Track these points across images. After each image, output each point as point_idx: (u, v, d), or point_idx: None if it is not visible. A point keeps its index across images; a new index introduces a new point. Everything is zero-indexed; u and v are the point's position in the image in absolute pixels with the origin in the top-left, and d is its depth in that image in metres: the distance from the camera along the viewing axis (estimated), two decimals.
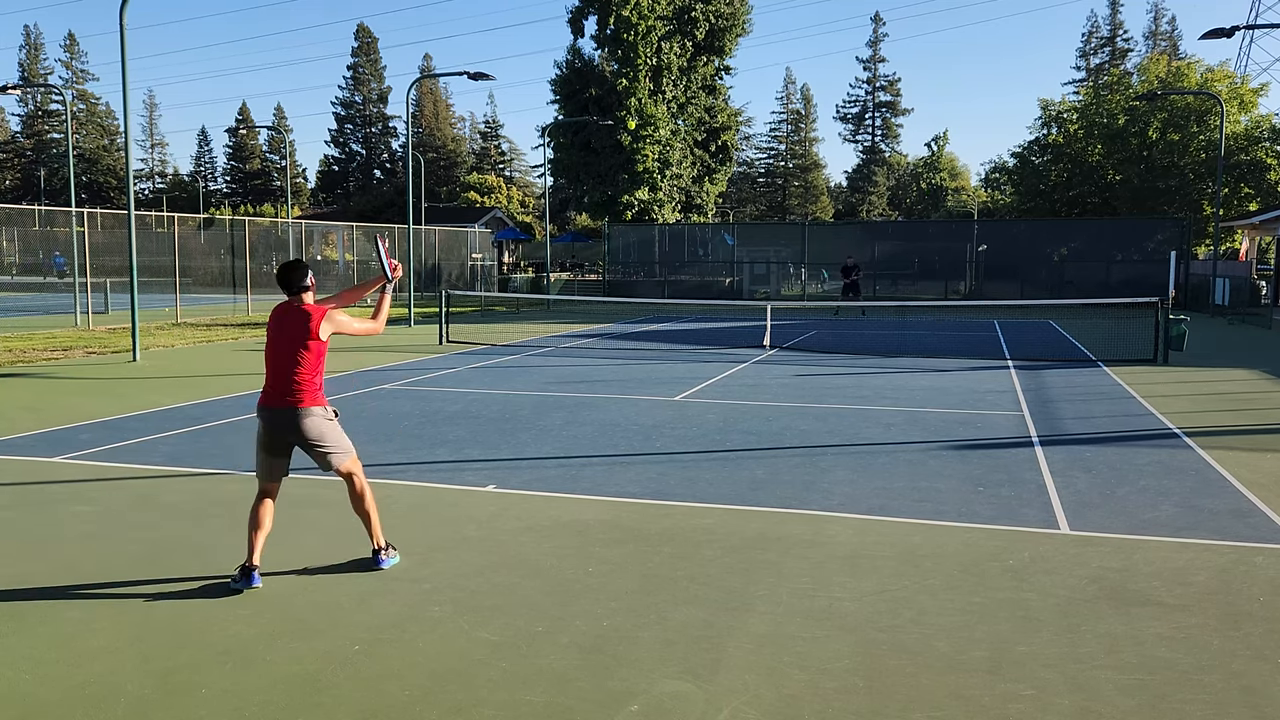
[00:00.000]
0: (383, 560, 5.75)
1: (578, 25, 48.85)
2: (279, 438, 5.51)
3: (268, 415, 5.49)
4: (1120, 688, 4.21)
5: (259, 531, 5.49)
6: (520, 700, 4.07)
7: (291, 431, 5.46)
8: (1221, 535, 6.49)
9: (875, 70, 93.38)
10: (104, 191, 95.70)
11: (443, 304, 21.29)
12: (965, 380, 14.59)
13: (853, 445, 9.56)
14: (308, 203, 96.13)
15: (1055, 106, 46.42)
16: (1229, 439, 10.02)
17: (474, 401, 12.35)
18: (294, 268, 5.57)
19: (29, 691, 4.16)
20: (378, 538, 5.78)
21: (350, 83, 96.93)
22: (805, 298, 38.16)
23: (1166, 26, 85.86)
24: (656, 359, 17.67)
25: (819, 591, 5.39)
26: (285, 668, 4.40)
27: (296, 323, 5.45)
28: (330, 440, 5.52)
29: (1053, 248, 39.80)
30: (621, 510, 7.09)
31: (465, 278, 42.44)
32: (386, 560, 5.77)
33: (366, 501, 5.69)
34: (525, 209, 79.19)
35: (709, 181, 52.61)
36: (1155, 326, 17.22)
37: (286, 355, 5.45)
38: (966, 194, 78.22)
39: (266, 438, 5.53)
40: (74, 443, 9.56)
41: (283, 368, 5.45)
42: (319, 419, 5.47)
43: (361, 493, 5.68)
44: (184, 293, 29.17)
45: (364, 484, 5.71)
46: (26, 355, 17.57)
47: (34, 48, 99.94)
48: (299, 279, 5.53)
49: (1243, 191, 41.77)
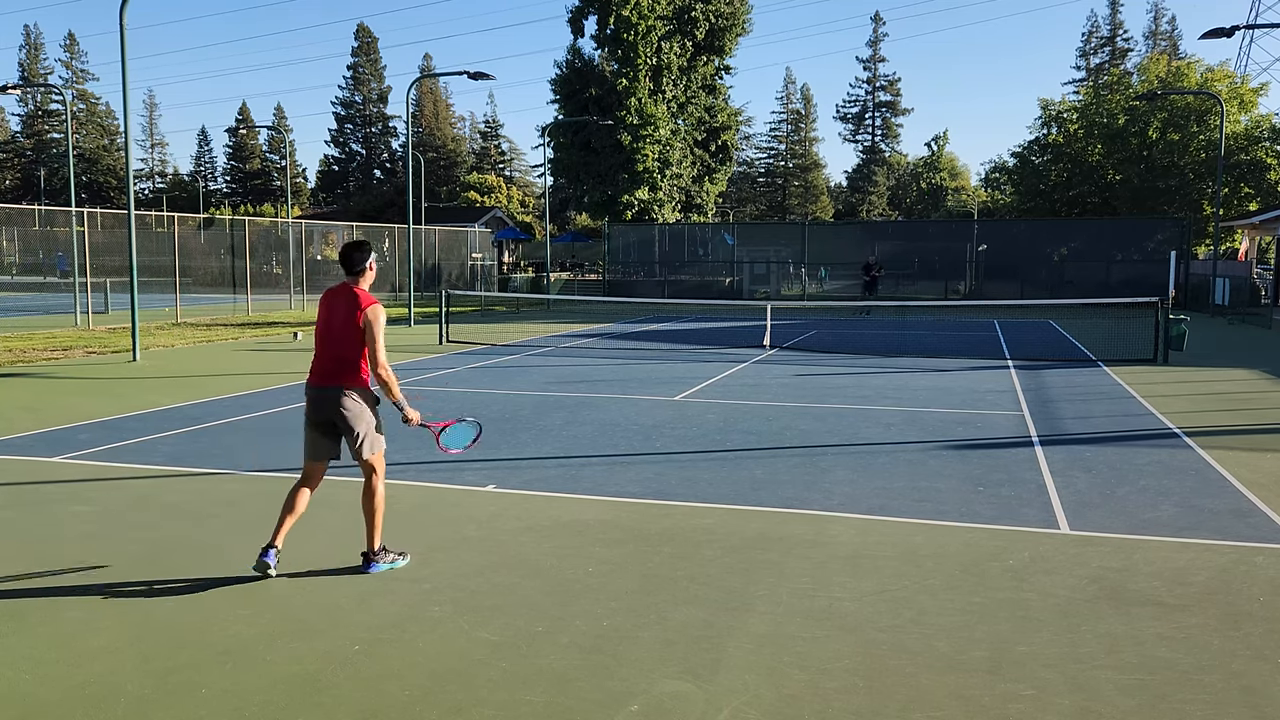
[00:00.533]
0: (375, 565, 5.69)
1: (578, 25, 48.85)
2: (322, 415, 5.58)
3: (313, 393, 5.60)
4: (1120, 688, 4.21)
5: (289, 515, 5.60)
6: (520, 700, 4.07)
7: (333, 410, 5.52)
8: (1221, 535, 6.49)
9: (875, 70, 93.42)
10: (104, 191, 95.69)
11: (442, 304, 21.29)
12: (965, 380, 14.59)
13: (853, 445, 9.56)
14: (308, 203, 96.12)
15: (1055, 106, 46.42)
16: (1229, 439, 10.02)
17: (474, 401, 12.35)
18: (358, 246, 5.65)
19: (29, 691, 4.16)
20: (374, 541, 5.72)
21: (350, 82, 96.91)
22: (805, 298, 38.16)
23: (1166, 26, 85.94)
24: (656, 359, 17.67)
25: (819, 591, 5.39)
26: (285, 668, 4.40)
27: (347, 305, 5.52)
28: (364, 427, 5.55)
29: (1053, 248, 39.81)
30: (621, 510, 7.09)
31: (465, 278, 42.43)
32: (378, 565, 5.69)
33: (376, 499, 5.68)
34: (525, 209, 79.20)
35: (709, 181, 52.60)
36: (1155, 326, 17.22)
37: (335, 336, 5.54)
38: (966, 194, 78.22)
39: (311, 414, 5.63)
40: (73, 443, 9.56)
41: (330, 347, 5.55)
42: (359, 401, 5.54)
43: (374, 490, 5.68)
44: (184, 293, 29.17)
45: (380, 484, 5.71)
46: (26, 355, 17.57)
47: (34, 48, 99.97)
48: (361, 258, 5.60)
49: (1243, 191, 41.79)
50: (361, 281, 5.62)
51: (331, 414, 5.54)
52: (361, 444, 5.56)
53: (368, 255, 5.63)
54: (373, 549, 5.71)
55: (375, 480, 5.68)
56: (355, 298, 5.52)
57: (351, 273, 5.62)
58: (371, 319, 5.47)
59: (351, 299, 5.53)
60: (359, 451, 5.59)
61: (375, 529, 5.71)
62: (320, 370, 5.58)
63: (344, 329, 5.51)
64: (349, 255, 5.62)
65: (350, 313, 5.50)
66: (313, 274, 37.35)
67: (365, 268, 5.61)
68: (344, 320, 5.52)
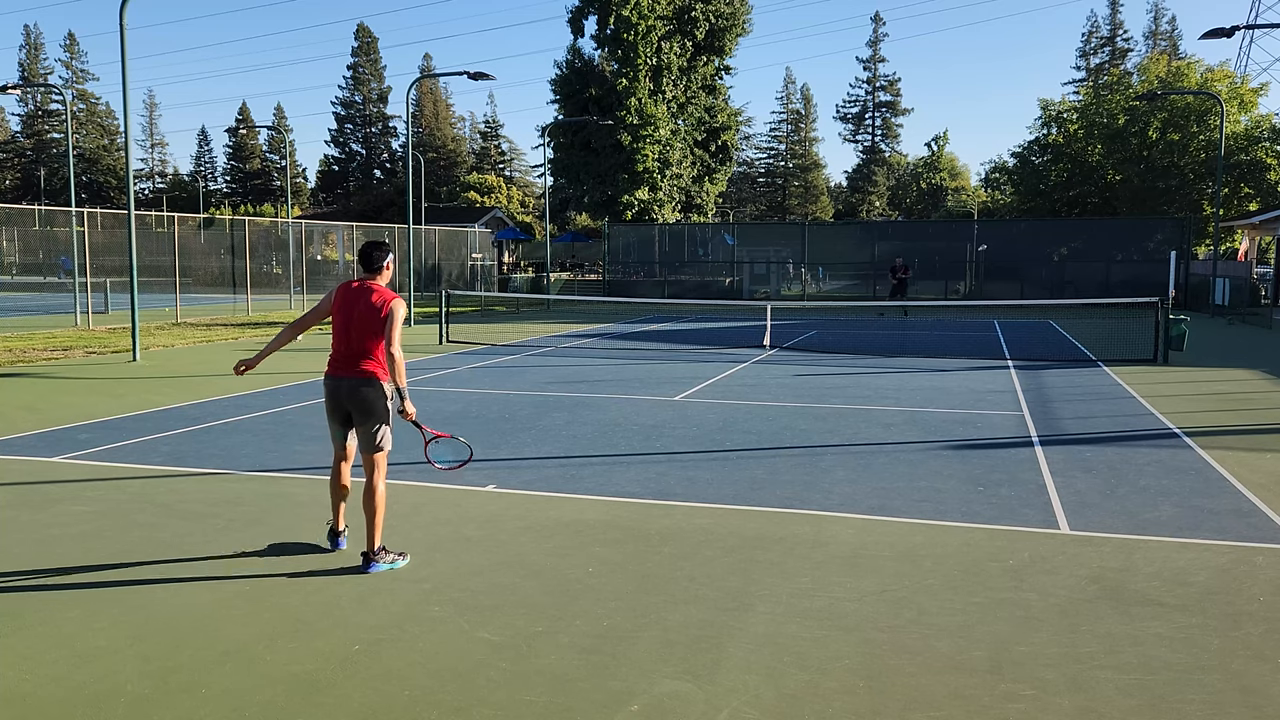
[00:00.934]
0: (375, 565, 5.68)
1: (578, 25, 48.87)
2: (340, 405, 5.79)
3: (331, 384, 5.80)
4: (1120, 688, 4.21)
5: (338, 499, 6.00)
6: (520, 700, 4.07)
7: (349, 400, 5.73)
8: (1221, 535, 6.49)
9: (875, 70, 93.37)
10: (104, 191, 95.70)
11: (442, 304, 21.29)
12: (965, 380, 14.59)
13: (853, 445, 9.56)
14: (308, 202, 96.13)
15: (1055, 106, 46.39)
16: (1229, 439, 10.02)
17: (474, 401, 12.35)
18: (378, 245, 5.91)
19: (29, 691, 4.16)
20: (374, 541, 5.71)
21: (350, 83, 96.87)
22: (805, 298, 38.16)
23: (1166, 26, 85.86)
24: (656, 359, 17.67)
25: (819, 591, 5.39)
26: (285, 668, 4.40)
27: (368, 300, 5.70)
28: (377, 419, 5.73)
29: (1053, 248, 39.78)
30: (621, 510, 7.09)
31: (465, 278, 42.43)
32: (378, 565, 5.68)
33: (377, 498, 5.70)
34: (525, 209, 79.16)
35: (709, 181, 52.60)
36: (1155, 326, 17.21)
37: (355, 330, 5.70)
38: (966, 194, 78.19)
39: (330, 404, 5.84)
40: (74, 442, 9.56)
41: (349, 341, 5.72)
42: (376, 393, 5.72)
43: (375, 489, 5.72)
44: (184, 293, 29.17)
45: (381, 483, 5.77)
46: (26, 355, 17.57)
47: (34, 48, 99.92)
48: (381, 257, 5.87)
49: (1243, 191, 41.78)
50: (379, 279, 5.85)
51: (348, 403, 5.74)
52: (374, 434, 5.72)
53: (386, 254, 5.89)
54: (372, 549, 5.71)
55: (377, 479, 5.73)
56: (377, 293, 5.73)
57: (370, 270, 5.85)
58: (394, 309, 5.69)
59: (373, 294, 5.72)
60: (370, 440, 5.72)
61: (375, 529, 5.71)
62: (337, 361, 5.78)
63: (365, 322, 5.67)
64: (369, 253, 5.85)
65: (372, 306, 5.67)
66: (313, 274, 37.36)
67: (383, 266, 5.86)
68: (365, 313, 5.67)
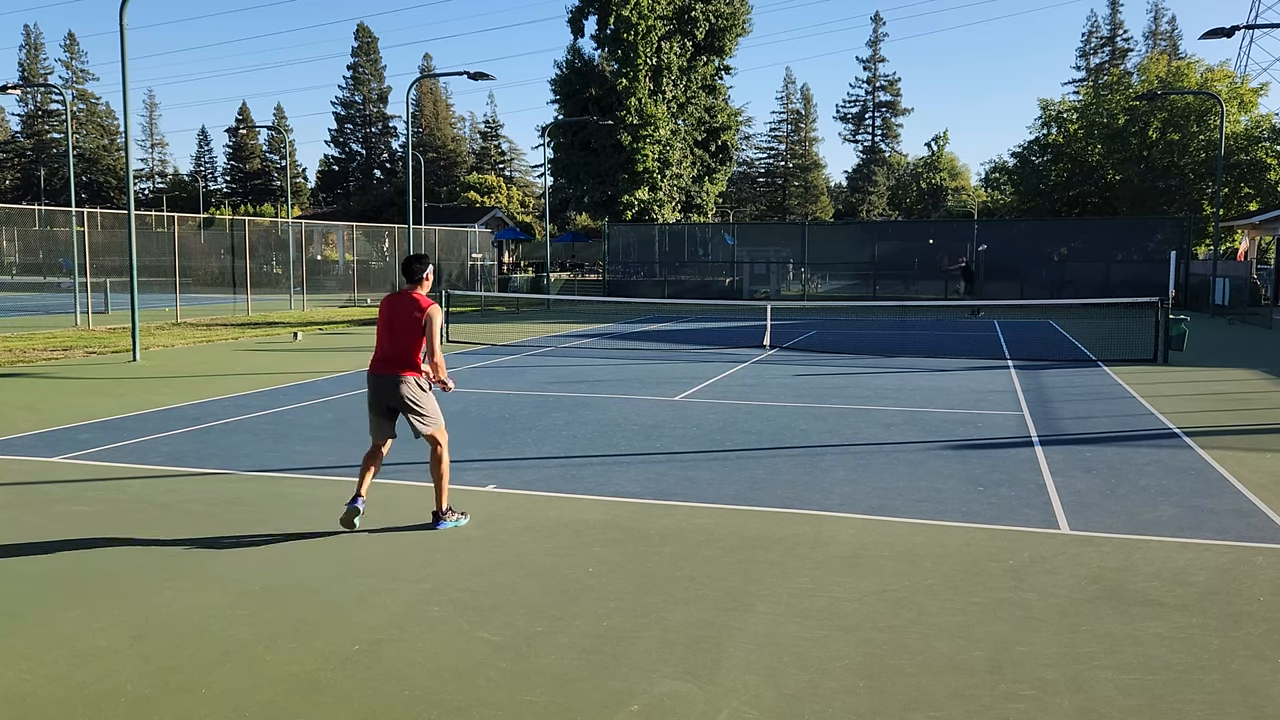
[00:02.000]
0: (442, 523, 6.48)
1: (578, 25, 48.88)
2: (382, 401, 6.43)
3: (374, 381, 6.47)
4: (1120, 688, 4.21)
5: (367, 472, 6.46)
6: (520, 700, 4.07)
7: (392, 396, 6.37)
8: (1221, 535, 6.49)
9: (875, 70, 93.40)
10: (104, 191, 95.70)
11: (442, 304, 21.28)
12: (965, 380, 14.58)
13: (853, 445, 9.56)
14: (308, 202, 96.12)
15: (1055, 106, 46.41)
16: (1229, 439, 10.02)
17: (474, 401, 12.35)
18: (419, 259, 6.55)
19: (29, 691, 4.16)
20: (441, 502, 6.51)
21: (350, 83, 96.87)
22: (805, 298, 38.16)
23: (1166, 26, 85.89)
24: (656, 359, 17.67)
25: (819, 591, 5.39)
26: (285, 668, 4.40)
27: (409, 307, 6.39)
28: (424, 408, 6.41)
29: (1053, 248, 39.79)
30: (621, 510, 7.09)
31: (465, 277, 42.43)
32: (445, 523, 6.48)
33: (442, 466, 6.48)
34: (525, 209, 79.17)
35: (709, 181, 52.61)
36: (1155, 326, 17.21)
37: (397, 333, 6.38)
38: (966, 194, 78.19)
39: (373, 399, 6.49)
40: (74, 443, 9.56)
41: (391, 343, 6.39)
42: (415, 387, 6.38)
43: (440, 458, 6.47)
44: (184, 293, 29.17)
45: (444, 453, 6.51)
46: (26, 355, 17.57)
47: (34, 48, 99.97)
48: (421, 269, 6.50)
49: (1243, 191, 41.79)
50: (420, 288, 6.49)
51: (390, 398, 6.38)
52: (422, 422, 6.39)
53: (426, 265, 6.52)
54: (440, 509, 6.53)
55: (440, 450, 6.48)
56: (416, 302, 6.38)
57: (412, 280, 6.50)
58: (431, 316, 6.36)
59: (413, 302, 6.38)
60: (419, 428, 6.39)
61: (442, 492, 6.52)
62: (380, 360, 6.43)
63: (405, 326, 6.36)
64: (410, 266, 6.49)
65: (412, 313, 6.35)
66: (312, 274, 37.36)
67: (424, 276, 6.50)
68: (405, 319, 6.36)
